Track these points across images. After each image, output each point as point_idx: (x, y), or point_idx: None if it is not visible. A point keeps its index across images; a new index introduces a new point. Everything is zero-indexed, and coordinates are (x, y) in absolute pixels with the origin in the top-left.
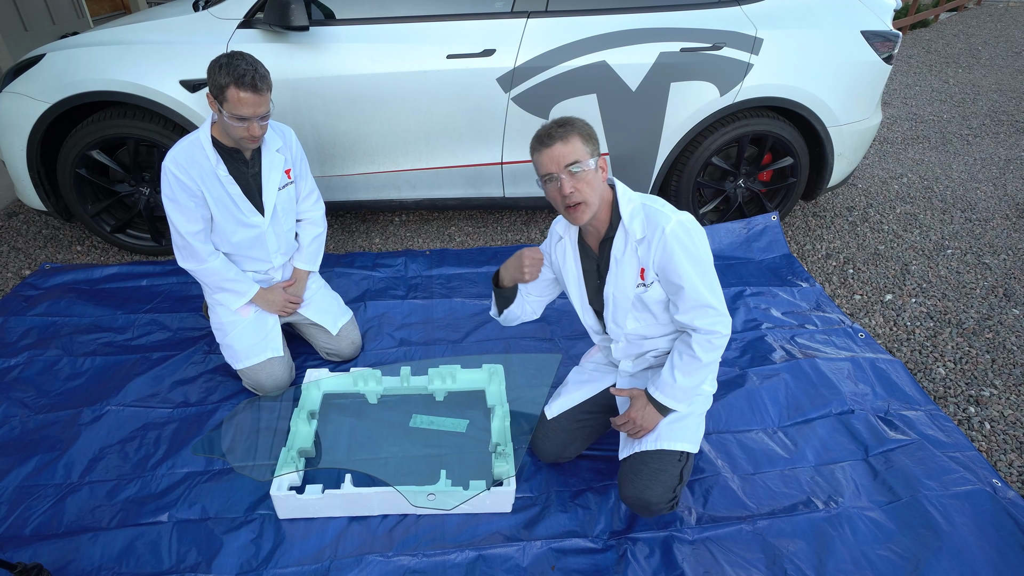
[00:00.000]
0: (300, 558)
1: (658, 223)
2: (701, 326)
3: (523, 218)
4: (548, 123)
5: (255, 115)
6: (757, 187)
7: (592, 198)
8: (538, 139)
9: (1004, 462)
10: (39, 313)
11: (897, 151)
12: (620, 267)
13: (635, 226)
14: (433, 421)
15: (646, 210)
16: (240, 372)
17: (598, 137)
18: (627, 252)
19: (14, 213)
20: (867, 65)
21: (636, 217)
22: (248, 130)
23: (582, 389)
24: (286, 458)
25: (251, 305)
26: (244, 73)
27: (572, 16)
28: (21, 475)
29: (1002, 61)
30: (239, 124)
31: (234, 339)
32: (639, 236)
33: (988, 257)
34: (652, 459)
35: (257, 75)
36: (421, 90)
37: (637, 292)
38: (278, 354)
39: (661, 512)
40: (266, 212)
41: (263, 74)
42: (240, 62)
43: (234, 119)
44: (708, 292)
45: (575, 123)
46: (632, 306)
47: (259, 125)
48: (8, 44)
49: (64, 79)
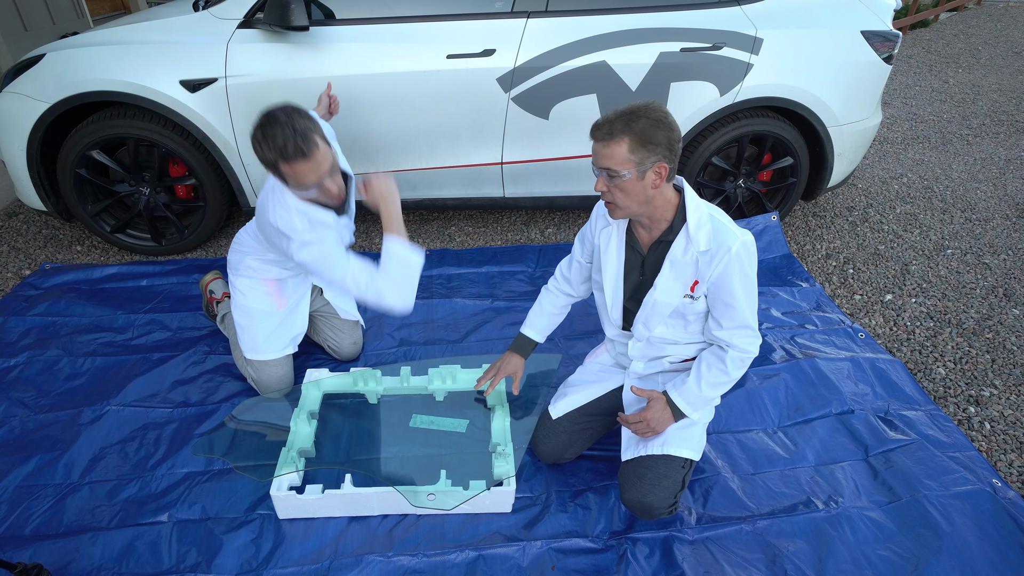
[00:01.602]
0: (300, 558)
1: (725, 241)
2: (738, 344)
3: (523, 218)
4: (614, 112)
5: (320, 176)
6: (757, 187)
7: (625, 204)
8: (593, 128)
9: (1004, 462)
10: (39, 313)
11: (897, 151)
12: (674, 273)
13: (701, 236)
14: (433, 421)
15: (714, 223)
16: (248, 363)
17: (662, 141)
18: (686, 260)
19: (14, 213)
20: (867, 65)
21: (703, 228)
22: (327, 193)
23: (588, 390)
24: (286, 458)
25: (287, 299)
26: (286, 145)
27: (572, 16)
28: (21, 475)
29: (1002, 61)
30: (312, 192)
31: (260, 328)
32: (703, 248)
33: (988, 257)
34: (657, 464)
35: (298, 137)
36: (421, 90)
37: (683, 302)
38: (293, 350)
39: (660, 516)
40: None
41: (304, 134)
42: (275, 131)
43: (303, 189)
44: (751, 314)
45: (634, 124)
46: (671, 314)
47: (332, 181)
48: (8, 44)
49: (64, 79)
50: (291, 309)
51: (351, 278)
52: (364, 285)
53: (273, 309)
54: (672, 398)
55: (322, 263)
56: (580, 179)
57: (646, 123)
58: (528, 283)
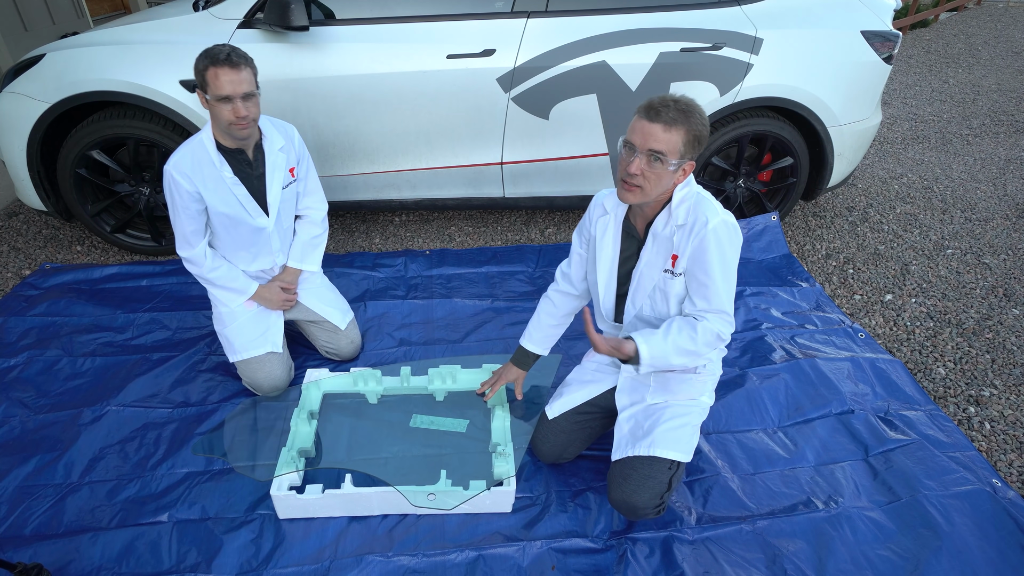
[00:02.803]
0: (300, 558)
1: (704, 215)
2: (712, 321)
3: (523, 218)
4: (670, 97)
5: (236, 93)
6: (757, 187)
7: (651, 190)
8: (648, 107)
9: (1004, 462)
10: (39, 313)
11: (897, 151)
12: (656, 247)
13: (680, 211)
14: (433, 421)
15: (697, 199)
16: (238, 368)
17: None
18: (665, 233)
19: (14, 213)
20: (867, 65)
21: (684, 203)
22: (234, 111)
23: (584, 389)
24: (286, 458)
25: (252, 301)
26: (219, 52)
27: (572, 16)
28: (21, 475)
29: (1002, 61)
30: (224, 107)
31: (233, 331)
32: (680, 221)
33: (988, 257)
34: (643, 465)
35: (233, 52)
36: (421, 90)
37: (664, 277)
38: (277, 350)
39: (647, 516)
40: (271, 212)
41: (241, 53)
42: (217, 46)
43: (218, 102)
44: (728, 298)
45: (692, 117)
46: (654, 289)
47: (243, 104)
48: (8, 44)
49: (64, 79)
50: (262, 308)
51: (179, 232)
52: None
53: (242, 308)
54: (636, 340)
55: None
56: (580, 179)
57: (699, 121)
58: (528, 283)
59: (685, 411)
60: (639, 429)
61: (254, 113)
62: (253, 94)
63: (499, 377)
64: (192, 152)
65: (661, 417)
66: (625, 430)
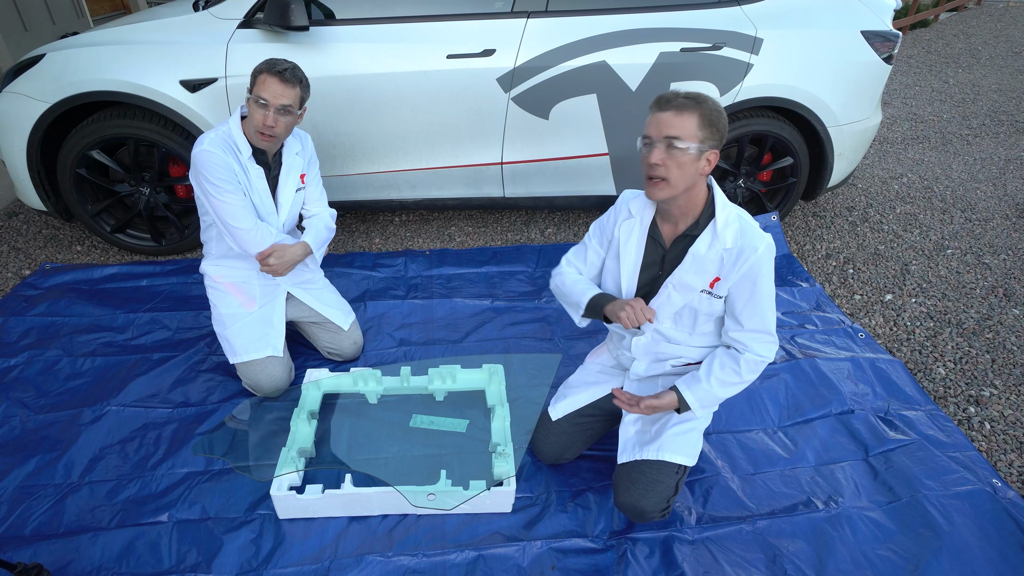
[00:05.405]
0: (300, 558)
1: (752, 240)
2: (756, 348)
3: (523, 218)
4: (679, 90)
5: (274, 103)
6: (757, 187)
7: (677, 180)
8: (658, 99)
9: (1004, 462)
10: (39, 313)
11: (897, 151)
12: (695, 267)
13: (728, 233)
14: (433, 421)
15: (741, 222)
16: (238, 369)
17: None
18: (710, 255)
19: (14, 213)
20: (867, 65)
21: (731, 226)
22: (264, 118)
23: (588, 391)
24: (286, 458)
25: (253, 299)
26: (280, 64)
27: (572, 16)
28: (21, 475)
29: (1002, 61)
30: (259, 110)
31: (234, 333)
32: (728, 245)
33: (988, 257)
34: (651, 469)
35: (292, 70)
36: (421, 90)
37: (700, 296)
38: (277, 354)
39: (653, 519)
40: (280, 214)
41: (300, 74)
42: (283, 60)
43: (256, 103)
44: (773, 319)
45: (704, 103)
46: (684, 307)
47: (275, 116)
48: (8, 44)
49: (64, 79)
50: (263, 309)
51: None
52: (237, 219)
53: (243, 310)
54: (681, 391)
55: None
56: (580, 179)
57: (712, 106)
58: (528, 283)
59: (692, 415)
60: (646, 432)
61: (281, 129)
62: (290, 111)
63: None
64: (221, 139)
65: (669, 421)
66: (631, 432)
